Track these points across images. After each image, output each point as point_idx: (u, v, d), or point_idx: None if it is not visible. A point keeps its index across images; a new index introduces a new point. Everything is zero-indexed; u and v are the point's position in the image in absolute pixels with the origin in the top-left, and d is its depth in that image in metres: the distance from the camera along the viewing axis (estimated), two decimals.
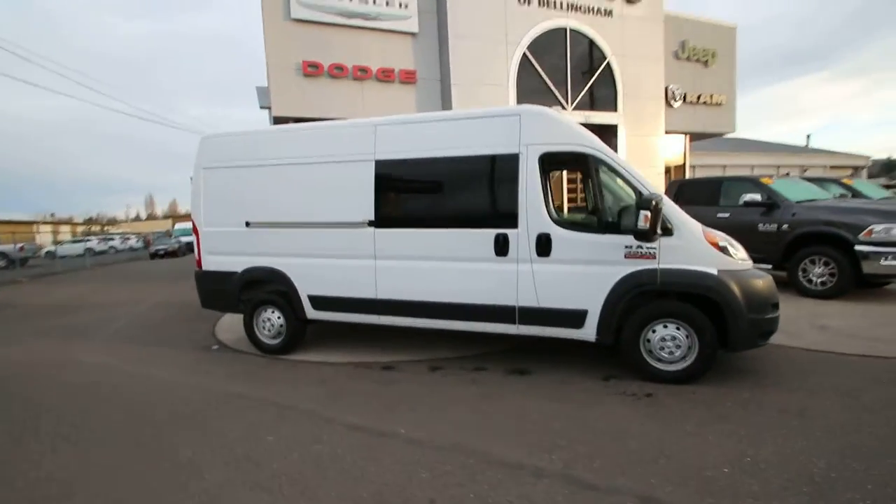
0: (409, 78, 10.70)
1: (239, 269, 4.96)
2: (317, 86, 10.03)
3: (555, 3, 11.45)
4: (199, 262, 5.21)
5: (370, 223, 4.39)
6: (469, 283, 4.16)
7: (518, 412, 3.37)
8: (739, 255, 3.72)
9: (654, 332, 3.72)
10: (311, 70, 9.87)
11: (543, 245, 3.88)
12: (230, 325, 6.45)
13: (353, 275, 4.53)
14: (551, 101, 11.60)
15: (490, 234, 4.03)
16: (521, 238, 3.95)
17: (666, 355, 3.71)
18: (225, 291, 5.06)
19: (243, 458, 2.85)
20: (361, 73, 10.27)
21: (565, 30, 11.70)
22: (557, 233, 3.86)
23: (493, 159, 4.05)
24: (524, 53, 11.31)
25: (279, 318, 4.91)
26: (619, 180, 3.84)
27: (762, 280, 3.66)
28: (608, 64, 12.21)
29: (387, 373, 4.31)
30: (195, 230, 5.18)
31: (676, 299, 3.70)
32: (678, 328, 3.66)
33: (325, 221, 4.58)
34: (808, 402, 3.25)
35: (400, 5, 10.44)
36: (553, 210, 4.02)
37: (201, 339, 5.85)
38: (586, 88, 12.10)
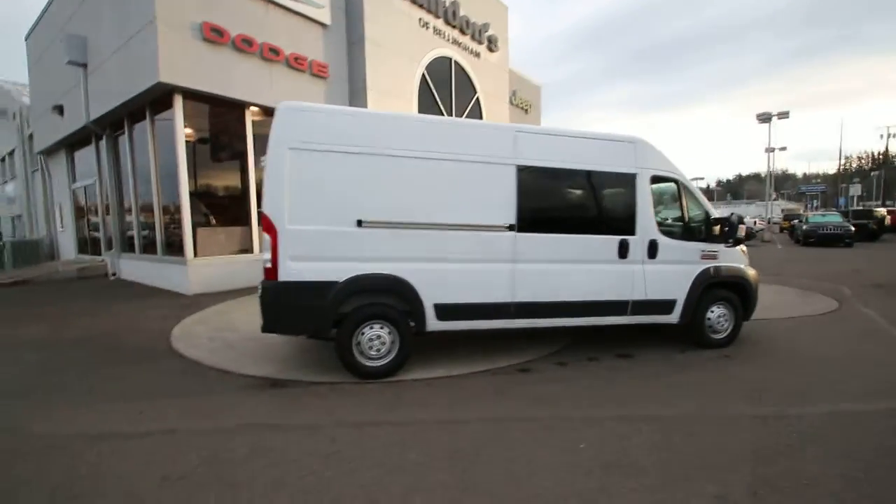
0: (321, 71, 9.75)
1: (341, 277, 3.97)
2: (219, 56, 8.06)
3: (444, 34, 12.50)
4: (271, 272, 3.85)
5: (510, 227, 4.39)
6: (596, 282, 4.70)
7: (677, 382, 4.16)
8: (747, 255, 5.58)
9: (712, 311, 5.16)
10: (214, 35, 7.88)
11: (653, 249, 4.84)
12: (220, 352, 4.75)
13: (487, 279, 4.37)
14: None
15: (615, 239, 4.72)
16: (638, 243, 4.79)
17: (720, 328, 5.20)
18: (315, 308, 3.92)
19: (613, 465, 2.73)
20: (272, 54, 8.79)
21: (451, 60, 12.89)
22: (662, 240, 4.88)
23: (617, 176, 4.76)
24: (423, 73, 11.89)
25: (390, 333, 4.18)
26: (691, 202, 5.15)
27: (755, 271, 5.59)
28: (477, 98, 14.03)
29: (532, 374, 4.35)
30: (269, 229, 3.82)
31: (721, 288, 5.23)
32: (723, 308, 5.21)
33: (459, 223, 4.26)
34: (793, 345, 5.25)
35: None
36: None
37: (203, 380, 4.18)
38: (464, 115, 13.54)
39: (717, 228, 5.06)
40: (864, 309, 7.14)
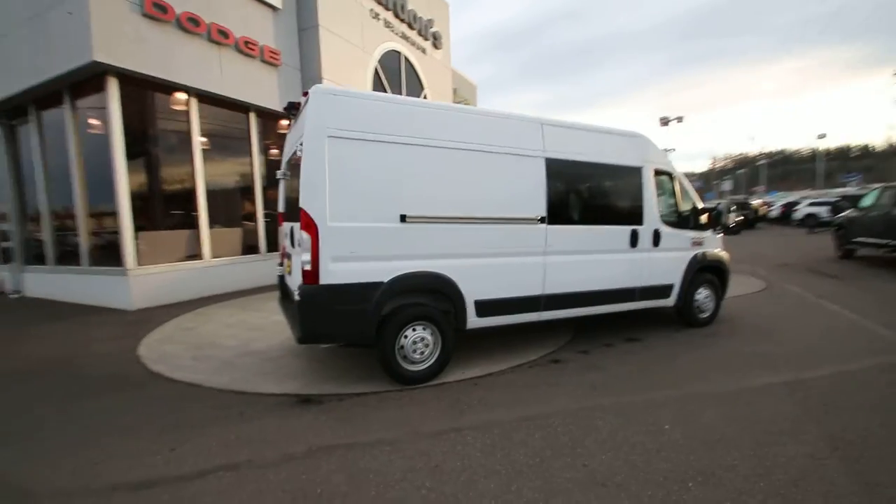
0: (273, 58, 8.95)
1: (385, 278, 3.68)
2: (161, 35, 7.03)
3: (394, 27, 12.19)
4: (311, 275, 3.44)
5: (541, 219, 4.41)
6: (613, 271, 4.92)
7: (694, 360, 4.50)
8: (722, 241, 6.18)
9: (700, 293, 5.67)
10: (157, 11, 6.86)
11: (657, 238, 5.18)
12: (222, 372, 4.16)
13: (521, 272, 4.36)
14: None
15: (628, 229, 4.98)
16: (645, 233, 5.10)
17: (705, 308, 5.73)
18: (360, 312, 3.60)
19: (706, 440, 2.87)
20: (221, 37, 7.89)
21: (401, 55, 12.60)
22: (663, 229, 5.24)
23: (629, 170, 5.02)
24: (376, 67, 11.47)
25: (432, 334, 3.97)
26: (683, 194, 5.58)
27: (728, 255, 6.19)
28: (425, 95, 13.89)
29: (565, 364, 4.41)
30: (308, 227, 3.40)
31: (706, 271, 5.74)
32: (707, 290, 5.74)
33: (497, 217, 4.19)
34: (757, 321, 5.96)
35: None
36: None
37: (218, 404, 3.63)
38: None
39: (704, 217, 5.57)
40: (787, 286, 8.31)
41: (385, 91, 11.99)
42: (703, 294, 5.69)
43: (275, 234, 9.66)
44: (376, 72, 11.52)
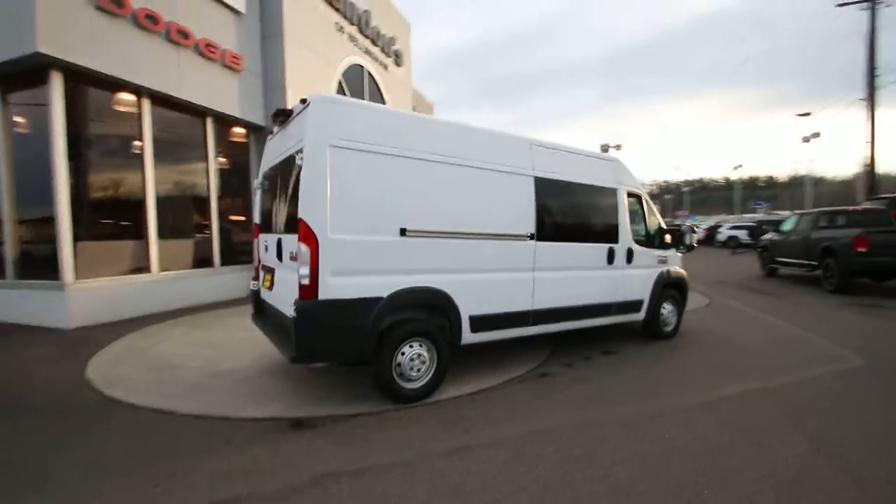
0: (234, 63, 8.55)
1: (385, 292, 3.56)
2: (116, 31, 6.51)
3: (358, 42, 12.12)
4: (309, 289, 3.24)
5: (531, 236, 4.50)
6: (593, 287, 5.11)
7: (670, 371, 4.78)
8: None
9: (665, 308, 6.02)
10: (113, 5, 6.35)
11: (630, 256, 5.47)
12: (193, 395, 3.79)
13: (511, 288, 4.41)
14: None
15: (605, 247, 5.22)
16: (620, 251, 5.36)
17: (670, 322, 6.08)
18: (359, 328, 3.44)
19: (708, 448, 3.01)
20: (181, 37, 7.43)
21: (364, 70, 12.52)
22: (635, 247, 5.54)
23: (606, 191, 5.28)
24: (340, 80, 11.30)
25: (429, 351, 3.88)
26: (651, 215, 5.95)
27: (685, 272, 6.65)
28: None
29: (553, 378, 4.47)
30: (308, 238, 3.22)
31: (670, 287, 6.11)
32: (671, 305, 6.12)
33: (492, 233, 4.22)
34: (711, 334, 6.42)
35: None
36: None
37: (198, 431, 3.31)
38: None
39: (668, 237, 5.96)
40: (728, 301, 9.06)
41: None
42: (667, 309, 6.04)
43: (230, 246, 9.11)
44: (340, 85, 11.36)
